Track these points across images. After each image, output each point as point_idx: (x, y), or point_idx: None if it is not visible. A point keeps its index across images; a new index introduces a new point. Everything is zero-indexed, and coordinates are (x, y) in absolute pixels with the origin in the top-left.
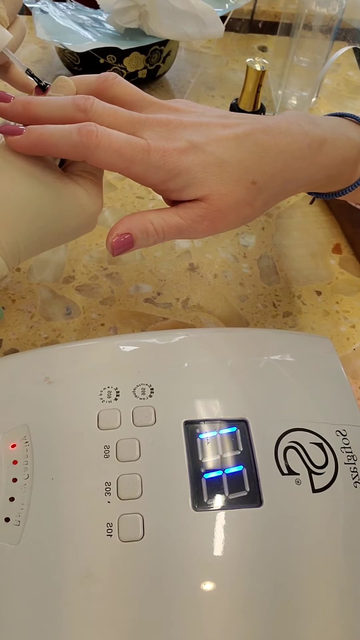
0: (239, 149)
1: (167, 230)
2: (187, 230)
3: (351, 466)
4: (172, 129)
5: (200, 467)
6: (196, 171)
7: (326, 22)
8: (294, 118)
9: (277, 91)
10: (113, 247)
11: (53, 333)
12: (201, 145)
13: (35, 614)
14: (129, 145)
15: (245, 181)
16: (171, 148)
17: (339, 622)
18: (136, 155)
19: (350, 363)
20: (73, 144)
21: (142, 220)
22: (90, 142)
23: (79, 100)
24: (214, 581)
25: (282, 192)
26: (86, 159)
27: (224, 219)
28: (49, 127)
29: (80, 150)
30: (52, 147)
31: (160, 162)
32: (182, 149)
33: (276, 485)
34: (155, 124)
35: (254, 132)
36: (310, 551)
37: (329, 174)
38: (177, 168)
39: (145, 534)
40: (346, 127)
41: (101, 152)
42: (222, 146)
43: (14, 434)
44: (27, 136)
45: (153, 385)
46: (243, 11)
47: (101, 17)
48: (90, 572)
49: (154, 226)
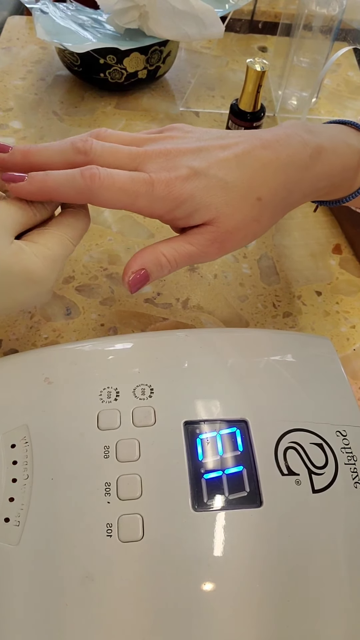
0: (240, 168)
1: (179, 259)
2: (198, 255)
3: (351, 466)
4: (172, 158)
5: (200, 467)
6: (201, 196)
7: (326, 22)
8: (292, 129)
9: (277, 91)
10: (130, 285)
11: (53, 333)
12: (203, 170)
13: (35, 614)
14: (132, 182)
15: (250, 199)
16: (173, 177)
17: (339, 622)
18: (140, 190)
19: (350, 363)
20: (77, 188)
21: (154, 254)
22: (94, 184)
23: (78, 144)
24: (213, 582)
25: (287, 204)
26: (90, 201)
27: (233, 239)
28: (52, 172)
29: (84, 193)
30: (55, 192)
31: (164, 192)
32: (185, 176)
33: (276, 486)
34: (155, 156)
35: (253, 149)
36: (311, 552)
37: (331, 181)
38: (182, 196)
39: (145, 535)
40: (346, 134)
41: (105, 192)
42: (223, 168)
43: (13, 434)
44: (31, 182)
45: (153, 385)
46: (243, 11)
47: (101, 17)
48: (89, 572)
49: (167, 258)
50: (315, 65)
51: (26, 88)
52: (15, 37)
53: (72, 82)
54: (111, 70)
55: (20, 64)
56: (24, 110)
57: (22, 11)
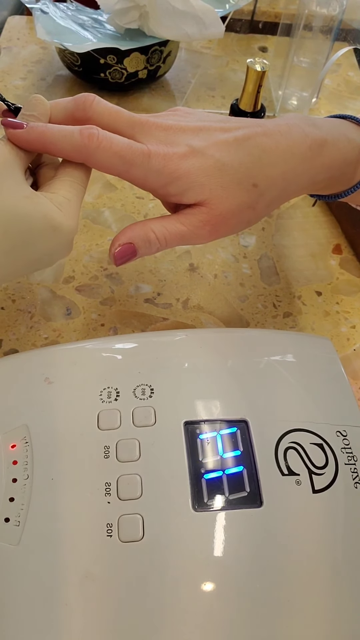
0: (239, 152)
1: (169, 237)
2: (189, 236)
3: (351, 467)
4: (172, 133)
5: (201, 467)
6: (196, 175)
7: (326, 22)
8: (294, 120)
9: (278, 91)
10: (116, 257)
11: (53, 333)
12: (201, 149)
13: (35, 614)
14: (129, 149)
15: (246, 184)
16: (171, 152)
17: (339, 623)
18: (136, 159)
19: (350, 363)
20: (74, 144)
21: (143, 229)
22: (91, 143)
23: (79, 99)
24: (214, 582)
25: (284, 194)
26: (86, 160)
27: (226, 223)
28: (52, 125)
29: (81, 151)
30: (52, 145)
31: (160, 166)
32: (182, 153)
33: (276, 486)
34: (155, 128)
35: (254, 135)
36: (311, 552)
37: (330, 174)
38: (177, 172)
39: (145, 535)
40: (347, 128)
41: (101, 153)
42: (222, 150)
43: (14, 434)
44: (29, 131)
45: (153, 385)
46: (243, 12)
47: (101, 17)
48: (90, 572)
49: (156, 234)
50: (316, 65)
51: (26, 88)
52: (16, 37)
53: (72, 82)
54: (111, 70)
55: (20, 64)
56: None
57: (23, 11)
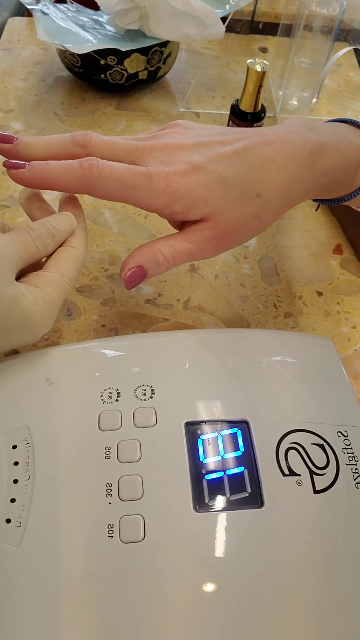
0: (240, 164)
1: (176, 256)
2: (196, 252)
3: (352, 467)
4: (171, 152)
5: (202, 468)
6: (200, 191)
7: (327, 23)
8: (294, 127)
9: (278, 92)
10: (127, 281)
11: (54, 334)
12: (202, 164)
13: (36, 615)
14: (130, 174)
15: (249, 195)
16: (172, 171)
17: (340, 624)
18: (138, 182)
19: (351, 364)
20: (76, 177)
21: (151, 251)
22: (92, 174)
23: (78, 137)
24: (215, 582)
25: (287, 201)
26: (89, 191)
27: (232, 236)
28: (52, 162)
29: (83, 182)
30: (55, 181)
31: (162, 186)
32: (184, 170)
33: (277, 486)
34: (153, 150)
35: (254, 145)
36: (312, 552)
37: (332, 178)
38: (180, 190)
39: (146, 535)
40: (347, 131)
41: (103, 182)
42: (223, 163)
43: (15, 435)
44: (31, 170)
45: (154, 386)
46: (243, 12)
47: (102, 18)
48: (91, 573)
49: (164, 255)
50: (316, 65)
51: (27, 89)
52: (16, 38)
53: (72, 83)
54: (112, 71)
55: (21, 65)
56: (24, 111)
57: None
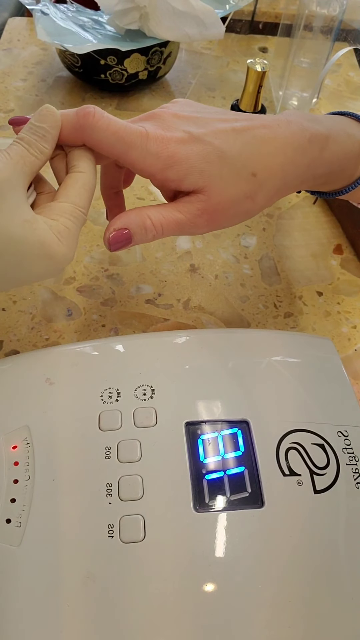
0: (238, 141)
1: (165, 225)
2: (186, 224)
3: (353, 467)
4: (170, 119)
5: (202, 468)
6: (195, 160)
7: (327, 23)
8: (293, 116)
9: (278, 92)
10: (110, 242)
11: (54, 334)
12: (200, 135)
13: (36, 615)
14: (127, 130)
15: (245, 173)
16: (169, 136)
17: (340, 623)
18: (135, 140)
19: (351, 364)
20: (71, 122)
21: (140, 216)
22: (87, 122)
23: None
24: (215, 582)
25: (283, 186)
26: (84, 140)
27: (224, 213)
28: None
29: (78, 131)
30: None
31: (158, 149)
32: (181, 138)
33: (278, 486)
34: (153, 117)
35: (252, 127)
36: (312, 552)
37: (330, 169)
38: (175, 156)
39: (146, 535)
40: (346, 124)
41: (99, 132)
42: (221, 137)
43: (15, 435)
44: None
45: (154, 386)
46: (243, 12)
47: (102, 18)
48: (91, 573)
49: (152, 221)
50: (316, 65)
51: (27, 89)
52: (16, 38)
53: (72, 83)
54: (112, 71)
55: (21, 65)
56: (25, 111)
57: (23, 12)
